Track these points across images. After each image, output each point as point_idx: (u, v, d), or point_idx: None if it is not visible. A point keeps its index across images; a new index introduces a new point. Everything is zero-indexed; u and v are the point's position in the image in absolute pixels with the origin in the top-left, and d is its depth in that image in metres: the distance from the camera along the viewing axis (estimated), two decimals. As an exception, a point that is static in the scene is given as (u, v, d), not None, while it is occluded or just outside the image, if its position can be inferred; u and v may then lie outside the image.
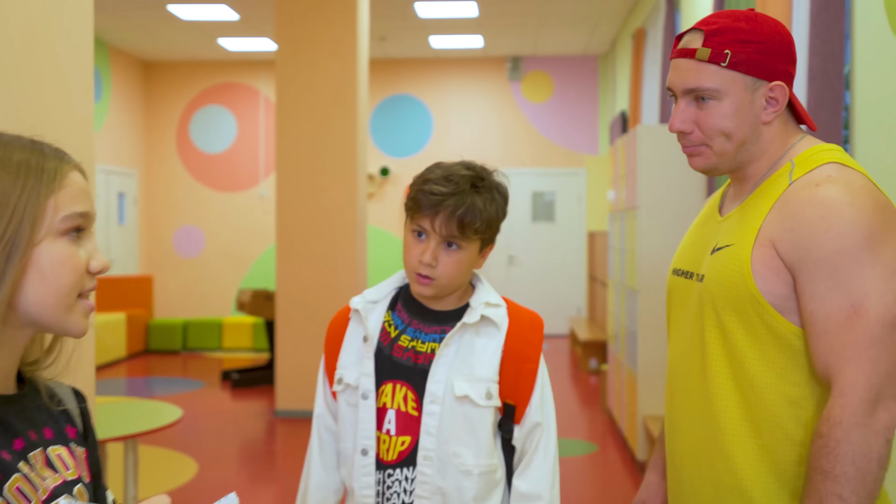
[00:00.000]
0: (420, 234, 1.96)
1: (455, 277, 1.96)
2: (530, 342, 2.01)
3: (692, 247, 1.93)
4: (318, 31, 7.67)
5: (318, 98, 7.67)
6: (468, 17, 10.19)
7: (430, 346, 1.99)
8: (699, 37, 1.76)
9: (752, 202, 1.77)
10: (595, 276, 10.68)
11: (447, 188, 1.92)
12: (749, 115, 1.74)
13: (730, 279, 1.72)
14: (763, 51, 1.72)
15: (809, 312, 1.63)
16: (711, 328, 1.76)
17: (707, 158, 1.79)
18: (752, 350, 1.70)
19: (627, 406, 6.17)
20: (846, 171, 1.68)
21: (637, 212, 5.70)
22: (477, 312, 1.99)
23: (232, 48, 11.81)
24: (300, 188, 7.69)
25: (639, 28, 8.77)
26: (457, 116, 12.67)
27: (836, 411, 1.56)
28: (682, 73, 1.77)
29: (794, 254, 1.64)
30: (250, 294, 8.89)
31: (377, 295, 2.07)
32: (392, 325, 2.03)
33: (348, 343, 2.06)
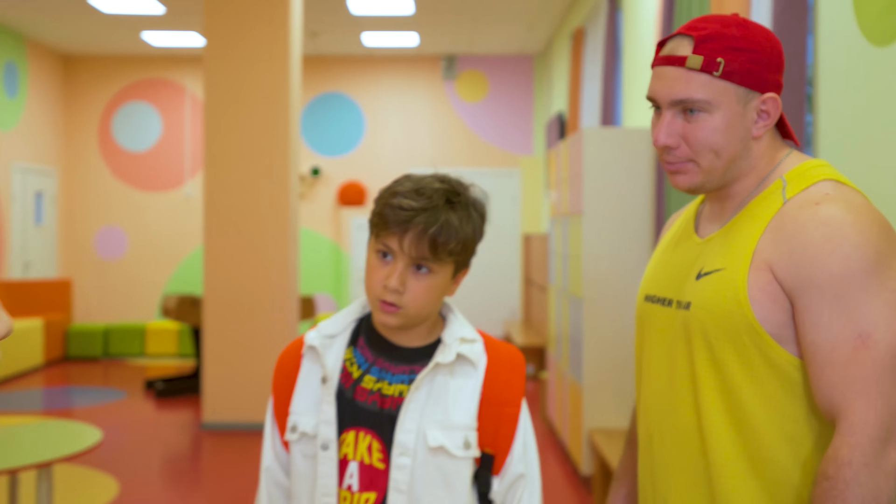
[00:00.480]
0: (386, 254, 1.69)
1: (425, 306, 1.70)
2: (511, 383, 1.77)
3: (666, 271, 1.77)
4: (248, 26, 7.36)
5: (248, 95, 7.37)
6: (403, 14, 9.94)
7: (398, 388, 1.73)
8: (688, 43, 1.61)
9: (741, 222, 1.63)
10: (531, 279, 10.51)
11: (418, 203, 1.66)
12: (740, 130, 1.61)
13: (723, 307, 1.57)
14: (756, 60, 1.58)
15: (811, 342, 1.50)
16: (703, 361, 1.62)
17: (693, 176, 1.64)
18: (748, 383, 1.57)
19: (571, 418, 5.98)
20: (843, 189, 1.57)
21: (582, 217, 5.51)
22: (451, 350, 1.73)
23: (157, 43, 11.38)
24: (229, 188, 7.38)
25: (578, 28, 8.61)
26: (390, 115, 12.43)
27: (845, 451, 1.43)
28: (670, 83, 1.61)
29: (796, 279, 1.52)
30: (176, 300, 8.52)
31: (335, 328, 1.80)
32: (354, 364, 1.77)
33: (303, 385, 1.78)
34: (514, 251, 12.48)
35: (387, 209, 1.68)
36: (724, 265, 1.60)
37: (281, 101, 7.38)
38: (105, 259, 12.21)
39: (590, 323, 5.52)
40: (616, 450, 5.01)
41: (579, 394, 5.68)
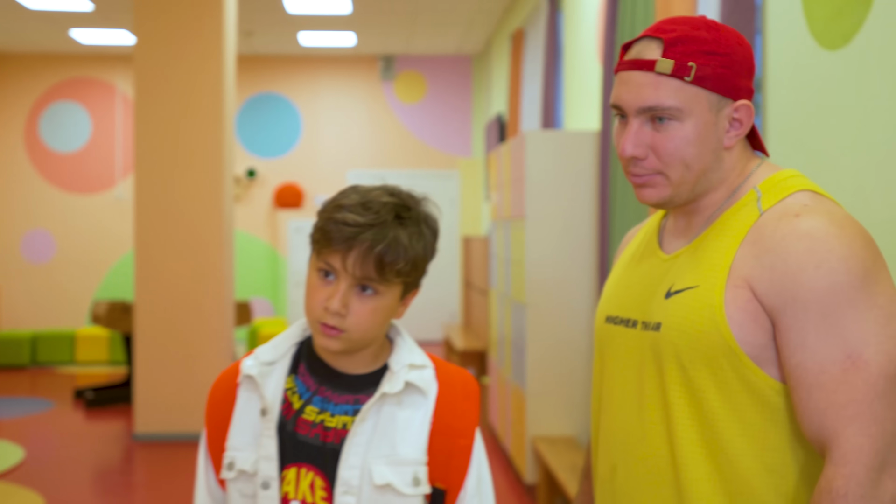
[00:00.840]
0: (328, 273, 1.55)
1: (369, 330, 1.56)
2: (464, 412, 1.63)
3: (630, 290, 1.65)
4: (180, 24, 7.15)
5: (181, 95, 7.16)
6: (340, 13, 9.78)
7: (342, 419, 1.59)
8: (656, 46, 1.50)
9: (712, 237, 1.52)
10: (471, 282, 10.41)
11: (364, 218, 1.52)
12: (712, 139, 1.51)
13: (698, 327, 1.46)
14: (728, 64, 1.49)
15: (796, 364, 1.39)
16: (676, 386, 1.50)
17: (662, 190, 1.53)
18: (726, 410, 1.45)
19: (514, 425, 5.88)
20: (822, 200, 1.48)
21: (525, 221, 5.41)
22: (399, 378, 1.59)
23: (86, 41, 11.06)
24: (161, 190, 7.16)
25: (518, 28, 8.54)
26: (327, 116, 12.25)
27: (839, 482, 1.33)
28: (638, 89, 1.50)
29: (778, 296, 1.41)
30: (106, 306, 8.25)
31: (274, 354, 1.64)
32: (295, 393, 1.62)
33: (240, 417, 1.62)
34: (453, 254, 12.38)
35: (330, 224, 1.53)
36: (697, 282, 1.49)
37: (214, 102, 7.18)
38: (32, 264, 11.83)
39: (533, 329, 5.42)
40: (560, 458, 4.93)
41: (522, 401, 5.58)
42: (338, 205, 1.55)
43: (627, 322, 1.61)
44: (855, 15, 2.79)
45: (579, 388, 5.43)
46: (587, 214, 5.38)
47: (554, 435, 5.42)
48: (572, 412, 5.43)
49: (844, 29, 2.86)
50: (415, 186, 12.18)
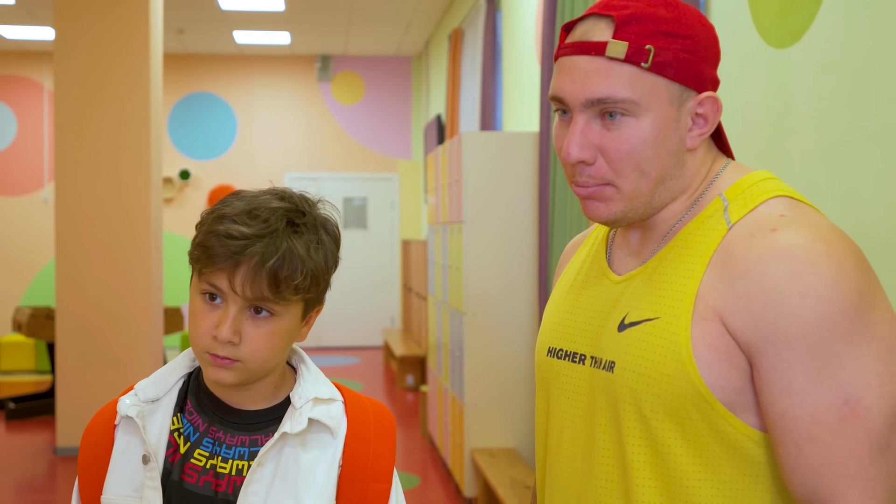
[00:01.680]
0: (213, 296, 1.32)
1: (268, 358, 1.33)
2: (380, 453, 1.41)
3: (575, 317, 1.39)
4: (104, 20, 6.85)
5: (105, 93, 6.87)
6: (274, 10, 9.54)
7: (235, 464, 1.37)
8: (606, 25, 1.23)
9: (672, 256, 1.27)
10: (409, 286, 10.24)
11: (252, 228, 1.29)
12: (672, 139, 1.24)
13: (661, 370, 1.20)
14: (691, 49, 1.23)
15: (782, 412, 1.14)
16: (635, 440, 1.24)
17: (613, 205, 1.27)
18: (696, 467, 1.20)
19: (452, 436, 5.70)
20: (801, 209, 1.22)
21: (463, 226, 5.23)
22: (303, 416, 1.36)
23: (10, 36, 10.66)
24: (84, 193, 6.85)
25: (456, 28, 8.38)
26: (263, 117, 11.97)
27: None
28: (585, 78, 1.23)
29: (756, 330, 1.15)
30: (28, 313, 7.90)
31: (157, 390, 1.41)
32: (182, 436, 1.38)
33: (119, 464, 1.38)
34: (393, 258, 12.18)
35: (211, 238, 1.29)
36: (657, 313, 1.24)
37: (140, 101, 6.90)
38: (-46, 268, 11.40)
39: (471, 338, 5.24)
40: (500, 471, 4.76)
41: (461, 412, 5.40)
42: (219, 215, 1.31)
43: (574, 357, 1.36)
44: (804, 11, 2.66)
45: (519, 399, 5.26)
46: (527, 219, 5.22)
47: (493, 447, 5.25)
48: (512, 424, 5.26)
49: (793, 26, 2.73)
50: (354, 189, 12.01)
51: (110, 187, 6.88)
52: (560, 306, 1.44)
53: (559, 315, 1.43)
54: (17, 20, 9.91)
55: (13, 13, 9.59)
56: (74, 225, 6.86)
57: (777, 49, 2.83)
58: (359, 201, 12.21)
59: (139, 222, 6.89)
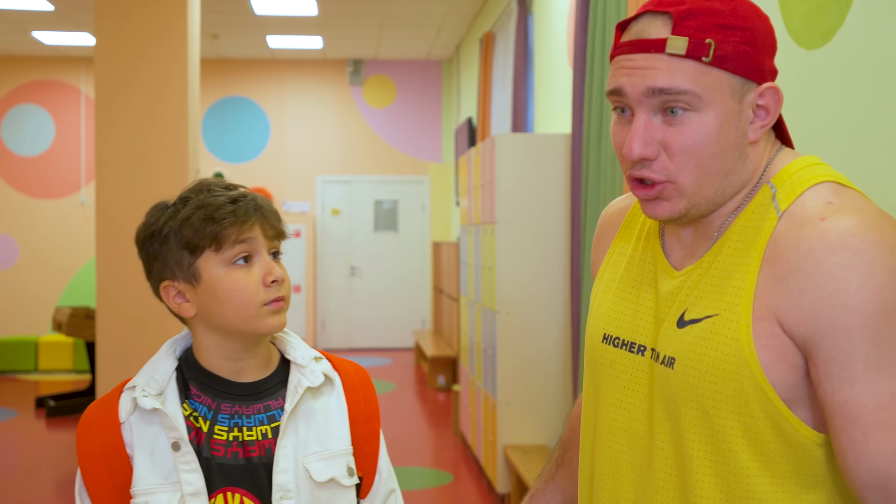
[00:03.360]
0: (246, 258, 1.49)
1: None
2: (367, 398, 1.63)
3: (630, 307, 1.40)
4: (142, 26, 7.00)
5: (144, 98, 7.02)
6: (307, 15, 9.66)
7: (260, 430, 1.50)
8: (662, 22, 1.23)
9: (729, 249, 1.27)
10: (441, 288, 10.32)
11: (226, 191, 1.53)
12: (735, 133, 1.24)
13: (724, 367, 1.22)
14: (750, 40, 1.23)
15: (843, 401, 1.15)
16: (696, 436, 1.26)
17: (676, 203, 1.26)
18: (757, 465, 1.22)
19: (485, 433, 5.78)
20: (847, 194, 1.22)
21: (496, 227, 5.32)
22: (316, 371, 1.55)
23: (48, 42, 10.86)
24: (124, 195, 7.00)
25: (487, 32, 8.46)
26: (295, 120, 12.10)
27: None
28: (646, 73, 1.23)
29: (811, 325, 1.16)
30: (68, 313, 8.07)
31: (159, 384, 1.51)
32: (199, 417, 1.50)
33: (144, 458, 1.47)
34: (424, 260, 12.27)
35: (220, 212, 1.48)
36: (717, 310, 1.24)
37: (179, 105, 7.04)
38: (-6, 270, 11.62)
39: (504, 337, 5.33)
40: (533, 467, 4.83)
41: (493, 409, 5.49)
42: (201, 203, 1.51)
43: (632, 347, 1.37)
44: (834, 11, 2.72)
45: (551, 396, 5.34)
46: (559, 219, 5.29)
47: (526, 444, 5.33)
48: (544, 421, 5.34)
49: (824, 27, 2.79)
50: (385, 192, 12.12)
51: (149, 189, 7.02)
52: (615, 294, 1.44)
53: (613, 302, 1.43)
54: (56, 26, 10.09)
55: (52, 19, 9.77)
56: (114, 226, 7.00)
57: (807, 50, 2.89)
58: (390, 204, 12.31)
59: (177, 224, 7.02)
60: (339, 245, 12.17)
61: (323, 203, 12.15)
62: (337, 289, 12.08)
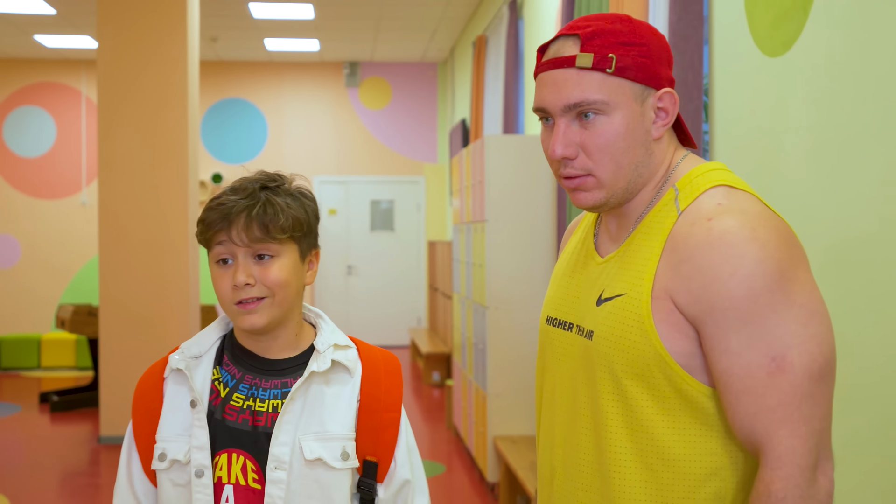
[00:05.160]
0: (225, 260, 1.65)
1: (283, 288, 1.64)
2: (389, 388, 1.74)
3: (567, 292, 1.65)
4: (143, 29, 7.19)
5: (144, 100, 7.20)
6: (304, 18, 9.85)
7: (271, 403, 1.67)
8: (573, 42, 1.48)
9: (639, 240, 1.51)
10: (436, 286, 10.52)
11: (236, 195, 1.64)
12: (640, 131, 1.49)
13: (628, 337, 1.46)
14: (647, 54, 1.47)
15: (722, 370, 1.39)
16: (608, 395, 1.49)
17: (596, 193, 1.51)
18: (661, 418, 1.45)
19: (476, 425, 5.98)
20: (736, 197, 1.45)
21: (485, 225, 5.52)
22: (326, 357, 1.69)
23: (50, 45, 11.04)
24: (125, 195, 7.19)
25: (480, 35, 8.65)
26: (292, 122, 12.29)
27: (778, 486, 1.34)
28: (561, 87, 1.47)
29: (696, 306, 1.40)
30: (71, 310, 8.26)
31: (199, 348, 1.73)
32: (221, 383, 1.70)
33: (169, 410, 1.69)
34: (419, 259, 12.46)
35: (208, 213, 1.64)
36: (625, 290, 1.48)
37: (178, 107, 7.23)
38: (-4, 269, 11.79)
39: (493, 331, 5.52)
40: (521, 456, 5.03)
41: (484, 401, 5.68)
42: (212, 199, 1.66)
43: (565, 325, 1.62)
44: (794, 22, 2.91)
45: (539, 387, 5.52)
46: (546, 217, 5.49)
47: (514, 434, 5.52)
48: (532, 412, 5.53)
49: (785, 36, 2.98)
50: (381, 192, 12.31)
51: (150, 190, 7.20)
52: (557, 283, 1.71)
53: (556, 290, 1.70)
54: (58, 29, 10.28)
55: (54, 23, 9.96)
56: (116, 226, 7.19)
57: (771, 57, 3.09)
58: (386, 204, 12.50)
59: (177, 223, 7.20)
60: (336, 244, 12.36)
61: (320, 203, 12.25)
62: (334, 287, 12.27)
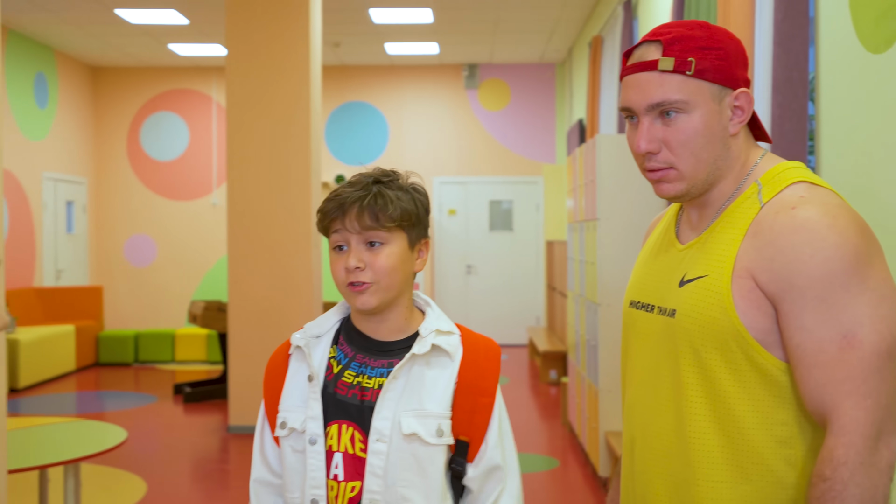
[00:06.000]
0: (340, 247, 1.81)
1: (390, 274, 1.79)
2: (486, 374, 1.85)
3: (650, 277, 1.79)
4: (269, 37, 7.51)
5: (270, 105, 7.51)
6: (423, 22, 10.07)
7: (378, 381, 1.83)
8: (657, 48, 1.63)
9: (720, 228, 1.65)
10: (554, 285, 10.59)
11: (352, 189, 1.81)
12: (718, 128, 1.62)
13: (709, 314, 1.59)
14: (724, 57, 1.61)
15: (797, 345, 1.51)
16: (688, 366, 1.63)
17: (677, 184, 1.65)
18: (737, 389, 1.57)
19: (589, 421, 6.06)
20: (817, 191, 1.58)
21: (597, 223, 5.60)
22: (427, 341, 1.83)
23: (183, 53, 11.58)
24: (252, 197, 7.52)
25: (595, 36, 8.70)
26: (413, 124, 12.54)
27: (840, 451, 1.45)
28: (644, 88, 1.62)
29: (777, 284, 1.53)
30: (202, 306, 8.67)
31: (319, 329, 1.91)
32: (336, 360, 1.87)
33: (291, 383, 1.88)
34: (538, 258, 12.54)
35: (326, 204, 1.81)
36: (707, 272, 1.61)
37: (302, 110, 7.51)
38: (135, 267, 12.40)
39: (605, 327, 5.60)
40: (630, 451, 5.09)
41: (596, 397, 5.76)
42: (331, 192, 1.84)
43: (648, 307, 1.75)
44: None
45: (650, 384, 5.56)
46: (655, 215, 5.53)
47: (625, 429, 5.57)
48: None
49: (888, 33, 2.99)
50: (500, 193, 12.45)
51: (275, 191, 7.51)
52: (640, 270, 1.85)
53: (639, 275, 1.84)
54: (190, 39, 10.78)
55: (187, 32, 10.45)
56: (244, 226, 7.52)
57: (875, 54, 3.10)
58: (505, 204, 12.63)
59: (301, 223, 7.49)
60: (455, 244, 12.56)
61: (440, 203, 12.56)
62: (453, 287, 12.47)
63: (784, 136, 3.58)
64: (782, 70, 3.61)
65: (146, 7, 9.36)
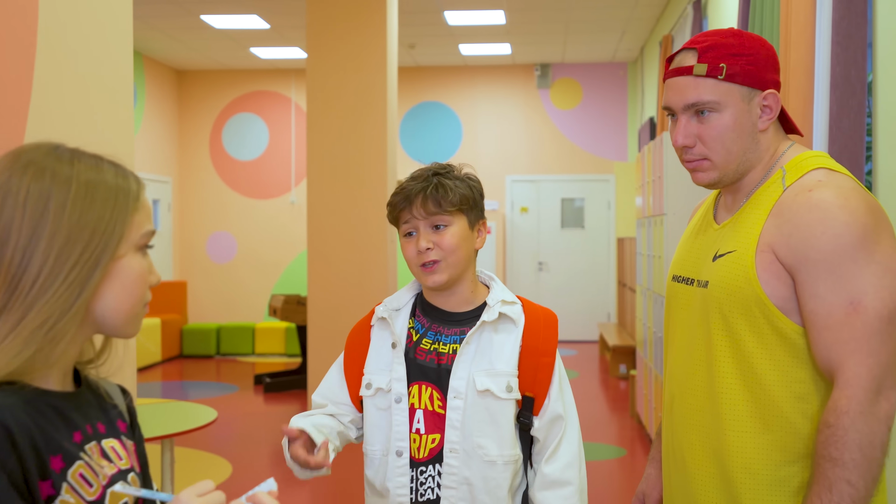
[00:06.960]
0: (410, 233, 2.08)
1: (456, 251, 2.06)
2: (546, 337, 2.11)
3: (690, 254, 2.02)
4: (347, 40, 7.75)
5: (348, 105, 7.76)
6: (496, 24, 10.27)
7: (452, 346, 2.09)
8: (693, 55, 1.86)
9: (749, 210, 1.86)
10: (624, 282, 10.71)
11: (414, 182, 2.08)
12: (747, 124, 1.84)
13: (735, 284, 1.81)
14: (753, 62, 1.83)
15: (810, 311, 1.72)
16: (718, 331, 1.85)
17: (710, 173, 1.87)
18: (760, 350, 1.79)
19: (656, 411, 6.21)
20: (834, 176, 1.78)
21: (664, 218, 5.75)
22: (495, 310, 2.08)
23: (264, 56, 11.95)
24: (330, 195, 7.77)
25: (666, 35, 8.81)
26: (486, 123, 12.73)
27: (843, 402, 1.66)
28: (681, 90, 1.85)
29: (793, 257, 1.74)
30: (282, 299, 9.01)
31: (398, 303, 2.18)
32: (414, 330, 2.14)
33: (375, 349, 2.15)
34: (609, 256, 12.65)
35: (394, 197, 2.09)
36: (735, 247, 1.83)
37: (378, 110, 7.75)
38: (216, 263, 12.82)
39: (671, 319, 5.74)
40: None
41: (661, 388, 5.90)
42: (396, 187, 2.11)
43: (687, 280, 1.98)
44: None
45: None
46: (722, 210, 5.66)
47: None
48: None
49: (939, 33, 3.12)
50: (572, 191, 12.60)
51: (352, 189, 7.76)
52: (682, 248, 2.10)
53: (681, 253, 2.09)
54: (271, 42, 11.14)
55: (268, 36, 10.81)
56: (323, 222, 7.79)
57: (927, 53, 3.22)
58: (577, 202, 12.76)
59: (377, 220, 7.73)
60: (527, 241, 12.74)
61: (512, 201, 12.75)
62: (525, 283, 12.65)
63: (842, 132, 3.71)
64: (841, 68, 3.74)
65: (230, 13, 9.73)
